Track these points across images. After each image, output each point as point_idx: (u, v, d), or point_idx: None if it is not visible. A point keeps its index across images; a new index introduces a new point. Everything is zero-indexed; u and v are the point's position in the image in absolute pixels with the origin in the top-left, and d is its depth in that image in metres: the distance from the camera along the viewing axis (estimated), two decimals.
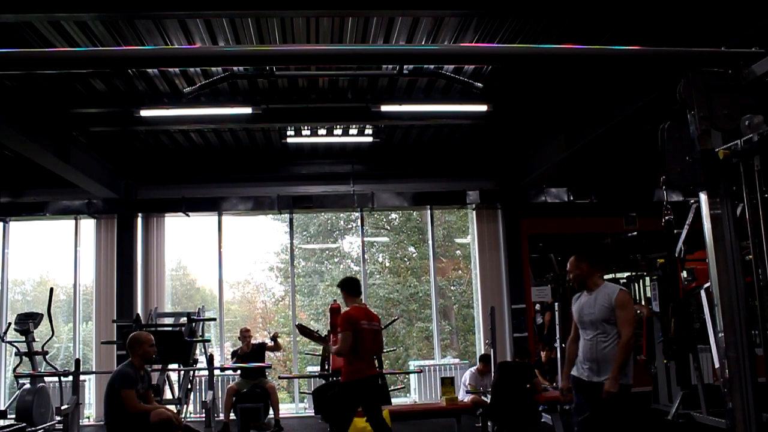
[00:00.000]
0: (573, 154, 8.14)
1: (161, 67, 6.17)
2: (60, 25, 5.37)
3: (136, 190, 9.61)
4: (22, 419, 6.87)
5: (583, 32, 5.76)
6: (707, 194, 2.82)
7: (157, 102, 7.16)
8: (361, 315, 4.91)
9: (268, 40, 5.82)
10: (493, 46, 5.60)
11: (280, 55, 3.30)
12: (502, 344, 9.40)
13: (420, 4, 5.23)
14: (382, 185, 9.87)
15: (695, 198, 6.35)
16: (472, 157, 9.84)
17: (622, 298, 4.01)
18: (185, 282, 15.24)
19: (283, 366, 13.73)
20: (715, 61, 2.87)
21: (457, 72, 6.53)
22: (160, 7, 5.04)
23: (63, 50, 4.90)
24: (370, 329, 4.92)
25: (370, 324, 4.92)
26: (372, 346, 4.97)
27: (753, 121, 2.64)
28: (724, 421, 3.18)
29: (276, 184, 9.78)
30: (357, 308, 4.98)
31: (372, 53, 3.57)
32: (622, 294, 4.03)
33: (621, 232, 10.45)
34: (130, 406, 4.66)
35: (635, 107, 6.54)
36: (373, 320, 5.01)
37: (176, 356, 7.63)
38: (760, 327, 2.79)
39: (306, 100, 7.43)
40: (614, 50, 3.39)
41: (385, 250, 15.52)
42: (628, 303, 4.03)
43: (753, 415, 2.66)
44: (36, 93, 6.80)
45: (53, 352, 10.94)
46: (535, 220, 10.14)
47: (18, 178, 9.24)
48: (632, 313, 4.01)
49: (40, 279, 14.57)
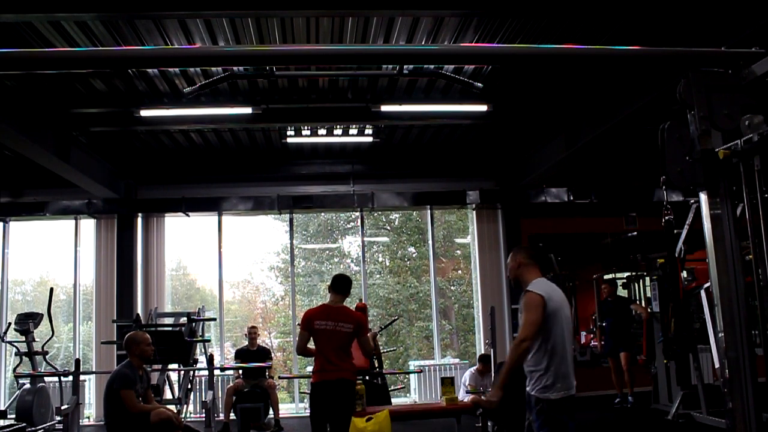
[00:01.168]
0: (573, 154, 8.14)
1: (161, 67, 6.17)
2: (60, 25, 5.36)
3: (136, 190, 9.61)
4: (22, 419, 6.87)
5: (583, 32, 5.76)
6: (707, 194, 2.82)
7: (157, 102, 7.16)
8: (320, 314, 4.65)
9: (268, 40, 5.81)
10: (493, 46, 5.60)
11: (280, 55, 3.30)
12: (502, 344, 9.38)
13: (420, 4, 5.23)
14: (382, 185, 9.87)
15: (695, 198, 6.35)
16: (472, 157, 9.84)
17: (527, 298, 3.54)
18: (185, 282, 15.25)
19: (283, 366, 13.74)
20: (715, 61, 2.87)
21: (457, 72, 6.53)
22: (160, 7, 5.03)
23: (63, 50, 4.90)
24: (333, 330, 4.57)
25: (335, 324, 4.57)
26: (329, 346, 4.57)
27: (753, 121, 2.64)
28: (724, 421, 3.16)
29: (276, 184, 9.78)
30: (320, 307, 4.78)
31: (372, 53, 3.58)
32: (528, 295, 3.55)
33: (621, 232, 10.45)
34: (129, 406, 4.66)
35: (635, 107, 6.54)
36: (340, 320, 4.59)
37: (176, 356, 7.63)
38: (760, 327, 2.79)
39: (306, 100, 7.42)
40: (614, 50, 3.39)
41: (385, 250, 15.53)
42: (530, 304, 3.50)
43: (753, 415, 2.66)
44: (36, 93, 6.80)
45: (53, 352, 10.94)
46: (535, 220, 10.14)
47: (18, 178, 9.24)
48: (535, 315, 3.44)
49: (40, 279, 14.58)
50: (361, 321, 4.76)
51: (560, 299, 3.58)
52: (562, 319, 3.50)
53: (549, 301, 3.48)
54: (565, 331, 3.52)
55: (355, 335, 4.65)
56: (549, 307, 3.46)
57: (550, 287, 3.60)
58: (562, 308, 3.54)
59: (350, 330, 4.60)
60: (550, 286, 3.63)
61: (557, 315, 3.48)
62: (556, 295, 3.57)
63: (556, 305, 3.51)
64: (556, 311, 3.49)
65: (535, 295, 3.50)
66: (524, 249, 3.89)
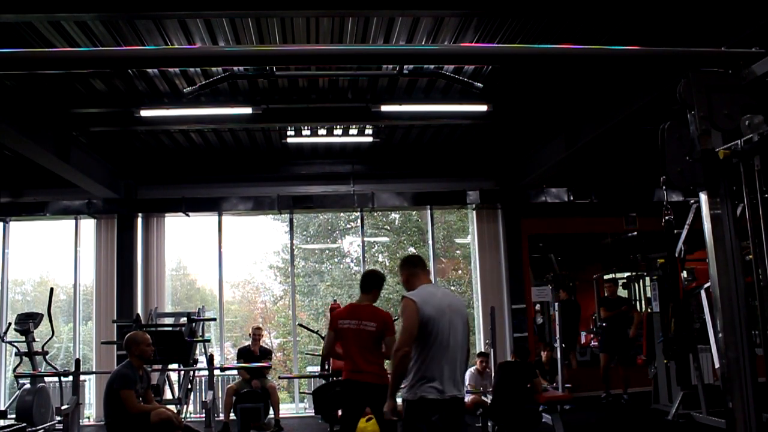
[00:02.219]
0: (573, 154, 8.14)
1: (161, 67, 6.17)
2: (60, 25, 5.36)
3: (136, 190, 9.61)
4: (22, 419, 6.88)
5: (583, 32, 5.76)
6: (707, 194, 2.82)
7: (157, 102, 7.16)
8: (346, 314, 4.64)
9: (268, 40, 5.81)
10: (493, 46, 5.60)
11: (280, 55, 3.29)
12: (502, 344, 9.39)
13: (420, 4, 5.23)
14: (382, 185, 9.87)
15: (695, 198, 6.34)
16: (472, 157, 9.84)
17: (401, 305, 3.56)
18: (185, 282, 15.24)
19: (283, 366, 13.73)
20: (715, 61, 2.87)
21: (457, 72, 6.52)
22: (160, 7, 5.03)
23: (64, 50, 4.90)
24: (357, 329, 4.51)
25: (359, 323, 4.53)
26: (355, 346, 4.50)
27: (753, 121, 2.64)
28: (724, 421, 3.17)
29: (276, 184, 9.78)
30: (348, 306, 4.79)
31: (372, 53, 3.58)
32: (403, 301, 3.57)
33: (621, 232, 10.46)
34: (130, 406, 4.67)
35: (635, 107, 6.54)
36: (364, 320, 4.54)
37: (176, 356, 7.63)
38: (760, 327, 2.79)
39: (306, 100, 7.42)
40: (614, 50, 3.39)
41: (385, 251, 15.52)
42: (404, 310, 3.52)
43: (753, 415, 2.66)
44: (36, 93, 6.80)
45: (53, 352, 10.93)
46: (535, 220, 10.14)
47: (18, 178, 9.24)
48: (408, 322, 3.47)
49: (40, 279, 14.57)
50: (387, 320, 4.55)
51: (439, 305, 3.54)
52: (439, 324, 3.48)
53: (423, 306, 3.48)
54: (447, 336, 3.50)
55: (381, 335, 4.48)
56: (422, 312, 3.47)
57: (428, 293, 3.60)
58: (441, 314, 3.51)
59: (374, 329, 4.47)
60: (430, 292, 3.63)
61: (432, 320, 3.47)
62: (434, 300, 3.55)
63: (431, 311, 3.49)
64: (431, 316, 3.47)
65: (409, 301, 3.52)
66: (407, 260, 3.90)
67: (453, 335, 3.53)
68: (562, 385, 7.58)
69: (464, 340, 3.62)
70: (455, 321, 3.57)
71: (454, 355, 3.51)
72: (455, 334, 3.55)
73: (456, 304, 3.67)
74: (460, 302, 3.80)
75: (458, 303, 3.73)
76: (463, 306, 3.79)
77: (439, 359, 3.46)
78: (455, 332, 3.55)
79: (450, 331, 3.52)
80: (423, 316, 3.47)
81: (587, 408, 8.43)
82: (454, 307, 3.61)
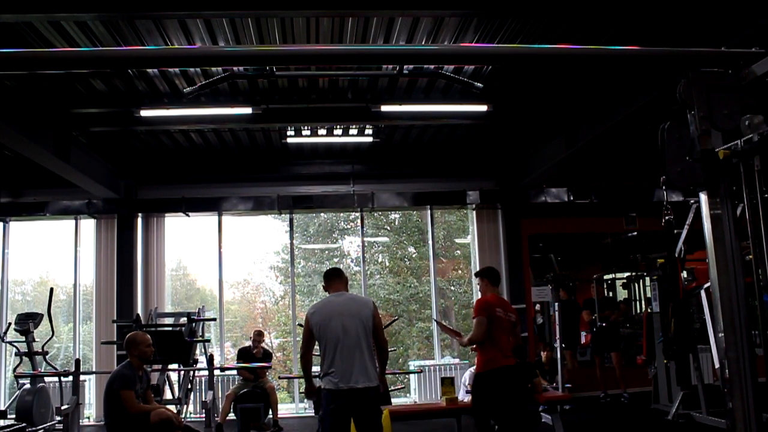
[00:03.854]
0: (573, 155, 8.14)
1: (161, 67, 6.17)
2: (60, 25, 5.36)
3: (136, 190, 9.61)
4: (22, 419, 6.87)
5: (583, 32, 5.76)
6: (707, 194, 2.82)
7: (157, 102, 7.16)
8: (496, 302, 4.92)
9: (268, 40, 5.81)
10: (493, 46, 5.60)
11: (280, 55, 3.29)
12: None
13: (420, 4, 5.23)
14: (382, 185, 9.87)
15: (695, 198, 6.35)
16: (472, 157, 9.84)
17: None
18: (185, 282, 15.25)
19: (283, 366, 13.73)
20: (715, 61, 2.87)
21: (457, 72, 6.53)
22: (160, 7, 5.03)
23: (64, 50, 4.90)
24: (506, 318, 4.85)
25: (505, 313, 4.87)
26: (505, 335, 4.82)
27: (753, 121, 2.64)
28: (724, 421, 3.17)
29: (276, 184, 9.78)
30: (494, 296, 5.04)
31: (372, 53, 3.57)
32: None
33: (621, 232, 10.46)
34: (129, 406, 4.66)
35: (635, 107, 6.54)
36: (508, 311, 4.94)
37: (176, 356, 7.63)
38: (760, 327, 2.78)
39: (306, 100, 7.42)
40: (614, 50, 3.38)
41: (385, 251, 15.52)
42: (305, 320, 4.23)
43: (753, 415, 2.66)
44: (36, 93, 6.80)
45: (53, 352, 10.93)
46: (535, 220, 10.14)
47: (18, 178, 9.24)
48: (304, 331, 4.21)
49: (40, 279, 14.57)
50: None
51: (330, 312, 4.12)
52: (327, 329, 4.05)
53: (312, 315, 4.15)
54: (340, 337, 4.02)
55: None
56: (312, 320, 4.13)
57: (325, 302, 4.23)
58: (329, 319, 4.08)
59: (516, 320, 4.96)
60: (329, 300, 4.22)
61: (320, 326, 4.08)
62: (326, 309, 4.16)
63: (321, 318, 4.11)
64: (319, 323, 4.10)
65: (306, 315, 4.22)
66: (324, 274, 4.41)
67: (347, 335, 4.02)
68: (562, 385, 7.58)
69: (363, 339, 4.06)
70: (348, 323, 4.05)
71: (350, 352, 4.00)
72: (348, 334, 4.03)
73: (354, 308, 4.14)
74: (361, 306, 4.20)
75: (357, 307, 4.16)
76: (365, 308, 4.17)
77: (332, 356, 4.01)
78: (348, 333, 4.03)
79: (343, 333, 4.02)
80: (313, 324, 4.13)
81: (588, 408, 8.43)
82: (350, 311, 4.10)
